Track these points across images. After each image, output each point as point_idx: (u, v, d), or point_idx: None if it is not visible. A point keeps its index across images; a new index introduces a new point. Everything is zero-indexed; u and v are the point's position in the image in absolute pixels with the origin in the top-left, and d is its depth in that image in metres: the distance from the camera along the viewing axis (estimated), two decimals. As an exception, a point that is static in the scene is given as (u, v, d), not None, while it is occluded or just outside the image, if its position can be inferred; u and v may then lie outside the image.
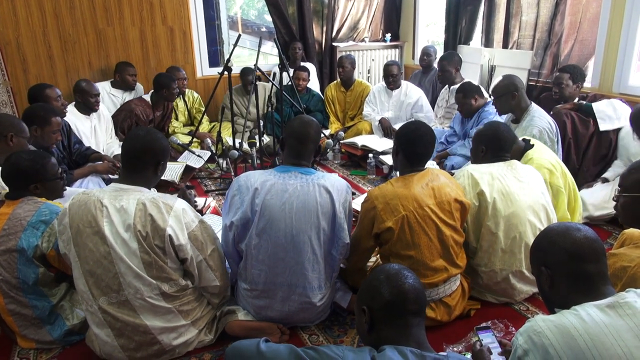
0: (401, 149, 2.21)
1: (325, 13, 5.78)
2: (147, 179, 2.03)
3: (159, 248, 1.91)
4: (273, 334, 2.13)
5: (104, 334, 1.94)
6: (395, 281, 1.40)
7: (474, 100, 3.80)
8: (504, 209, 2.26)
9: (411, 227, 2.08)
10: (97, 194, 1.95)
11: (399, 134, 2.24)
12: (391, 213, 2.08)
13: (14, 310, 2.07)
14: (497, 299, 2.39)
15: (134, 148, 1.99)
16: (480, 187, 2.28)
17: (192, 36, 5.32)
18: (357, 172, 4.42)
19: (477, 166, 2.40)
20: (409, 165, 2.21)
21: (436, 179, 2.18)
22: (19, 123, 2.60)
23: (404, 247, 2.10)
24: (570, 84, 3.58)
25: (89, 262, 1.90)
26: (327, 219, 2.08)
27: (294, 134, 2.16)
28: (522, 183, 2.33)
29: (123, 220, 1.89)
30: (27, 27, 4.61)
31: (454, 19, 5.24)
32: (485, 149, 2.44)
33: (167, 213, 1.92)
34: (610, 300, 1.25)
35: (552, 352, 1.20)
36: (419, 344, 1.35)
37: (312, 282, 2.10)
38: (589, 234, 1.36)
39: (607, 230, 3.12)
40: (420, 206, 2.09)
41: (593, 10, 4.00)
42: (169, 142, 4.36)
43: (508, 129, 2.49)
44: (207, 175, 4.37)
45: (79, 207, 1.93)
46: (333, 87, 5.32)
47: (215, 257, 2.07)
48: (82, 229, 1.90)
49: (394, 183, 2.16)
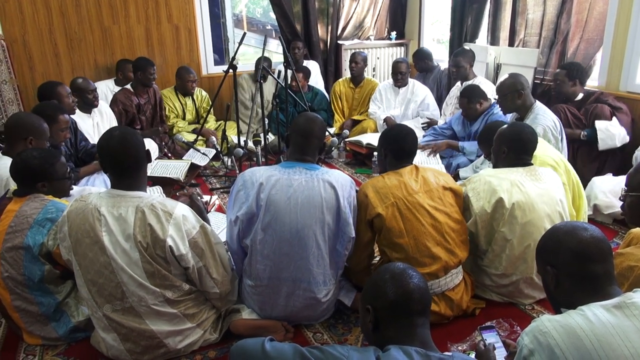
0: (389, 149, 2.30)
1: (331, 11, 5.77)
2: (140, 181, 1.96)
3: (161, 258, 1.88)
4: (277, 332, 2.13)
5: (110, 339, 1.94)
6: (400, 281, 1.40)
7: (479, 105, 3.79)
8: (521, 217, 2.22)
9: (402, 214, 2.14)
10: (94, 201, 1.89)
11: (385, 137, 2.34)
12: (381, 200, 2.15)
13: (20, 306, 2.08)
14: (503, 298, 2.38)
15: (115, 153, 1.88)
16: (499, 194, 2.23)
17: (198, 34, 5.32)
18: (362, 171, 4.42)
19: (496, 172, 2.35)
20: (398, 163, 2.28)
21: (422, 171, 2.27)
22: (40, 125, 2.56)
23: (397, 235, 2.13)
24: (566, 81, 3.58)
25: (90, 271, 1.88)
26: (331, 213, 2.09)
27: (299, 130, 2.18)
28: (541, 190, 2.28)
29: (123, 230, 1.85)
30: (33, 25, 4.63)
31: (459, 16, 5.21)
32: (507, 150, 2.37)
33: (167, 221, 1.86)
34: (617, 301, 1.24)
35: (558, 352, 1.19)
36: (424, 343, 1.34)
37: (316, 277, 2.11)
38: (596, 233, 1.34)
39: (613, 229, 3.11)
40: (410, 194, 2.17)
41: (599, 8, 3.97)
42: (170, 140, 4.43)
43: (532, 131, 2.41)
44: (212, 173, 4.37)
45: (77, 215, 1.88)
46: (342, 83, 5.32)
47: (215, 265, 2.01)
48: (81, 239, 1.87)
49: (385, 176, 2.26)
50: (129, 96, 4.38)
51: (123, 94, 4.38)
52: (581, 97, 3.64)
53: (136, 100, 4.41)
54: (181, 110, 4.91)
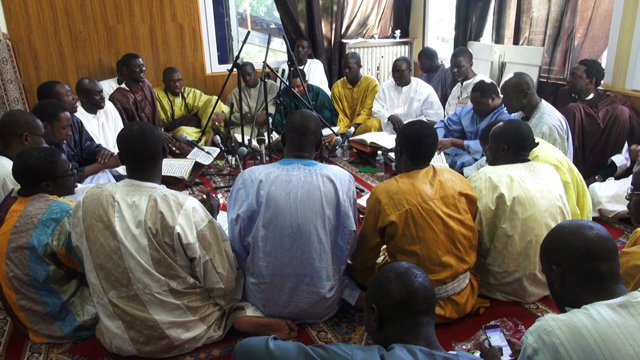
0: (406, 150, 2.22)
1: (335, 10, 5.77)
2: (154, 174, 2.04)
3: (168, 246, 1.92)
4: (281, 330, 2.14)
5: (114, 326, 1.95)
6: (404, 280, 1.39)
7: (491, 100, 3.76)
8: (521, 212, 2.23)
9: (415, 222, 2.09)
10: (110, 188, 1.97)
11: (404, 135, 2.24)
12: (395, 207, 2.09)
13: (26, 306, 2.09)
14: (507, 297, 2.37)
15: (130, 145, 1.97)
16: (500, 190, 2.24)
17: (202, 33, 5.33)
18: (365, 169, 4.41)
19: (495, 168, 2.36)
20: (413, 164, 2.22)
21: (440, 174, 2.21)
22: (34, 120, 2.58)
23: (409, 242, 2.10)
24: (584, 77, 3.56)
25: (99, 256, 1.92)
26: (331, 207, 2.09)
27: (294, 127, 2.19)
28: (541, 185, 2.29)
29: (134, 216, 1.91)
30: (38, 25, 4.65)
31: (464, 15, 5.20)
32: (507, 148, 2.38)
33: (177, 211, 1.93)
34: (622, 300, 1.23)
35: (563, 351, 1.19)
36: (429, 342, 1.34)
37: (319, 272, 2.11)
38: (602, 232, 1.33)
39: (618, 228, 3.09)
40: (425, 200, 2.10)
41: (605, 6, 3.95)
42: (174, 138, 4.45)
43: (529, 127, 2.45)
44: (216, 172, 4.38)
45: (92, 201, 1.95)
46: (340, 84, 5.31)
47: (221, 260, 2.05)
48: (94, 223, 1.92)
49: (399, 179, 2.18)
50: (124, 94, 4.40)
51: (119, 93, 4.40)
52: (592, 97, 3.62)
53: (132, 97, 4.42)
54: (170, 108, 4.98)
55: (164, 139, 4.40)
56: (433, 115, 4.77)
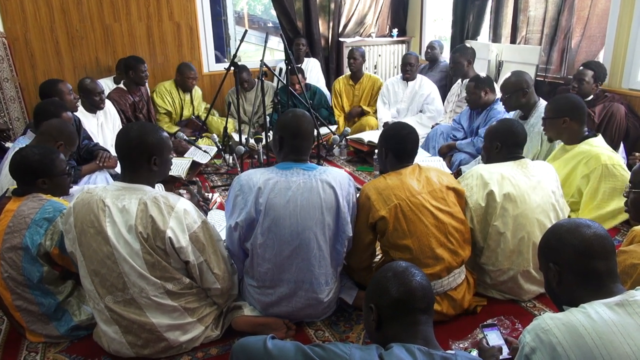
0: (391, 149, 2.26)
1: (332, 8, 5.77)
2: (145, 176, 1.97)
3: (160, 249, 1.89)
4: (279, 329, 2.13)
5: (111, 331, 1.94)
6: (402, 279, 1.39)
7: (483, 93, 3.77)
8: (512, 209, 2.25)
9: (405, 216, 2.11)
10: (99, 193, 1.93)
11: (387, 135, 2.29)
12: (384, 202, 2.12)
13: (21, 306, 2.08)
14: (504, 295, 2.38)
15: (123, 145, 1.94)
16: (490, 187, 2.27)
17: (199, 32, 5.32)
18: (363, 168, 4.41)
19: (487, 166, 2.38)
20: (399, 162, 2.25)
21: (426, 171, 2.25)
22: (75, 139, 2.68)
23: (401, 236, 2.12)
24: (591, 82, 3.52)
25: (93, 261, 1.89)
26: (331, 214, 2.07)
27: (291, 129, 2.11)
28: (533, 182, 2.31)
29: (125, 221, 1.87)
30: (35, 23, 4.63)
31: (461, 14, 5.21)
32: (501, 145, 2.41)
33: (168, 214, 1.89)
34: (619, 299, 1.24)
35: (560, 350, 1.19)
36: (427, 341, 1.34)
37: (319, 278, 2.10)
38: (599, 230, 1.34)
39: (615, 226, 3.10)
40: (413, 195, 2.13)
41: (602, 5, 3.96)
42: (172, 137, 4.42)
43: (522, 125, 2.48)
44: (214, 171, 4.37)
45: (82, 207, 1.91)
46: (342, 80, 5.32)
47: (217, 260, 2.03)
48: (86, 229, 1.89)
49: (387, 177, 2.22)
50: (123, 95, 4.39)
51: (117, 93, 4.38)
52: (592, 97, 3.63)
53: (130, 99, 4.41)
54: (179, 104, 4.91)
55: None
56: (433, 111, 4.83)
